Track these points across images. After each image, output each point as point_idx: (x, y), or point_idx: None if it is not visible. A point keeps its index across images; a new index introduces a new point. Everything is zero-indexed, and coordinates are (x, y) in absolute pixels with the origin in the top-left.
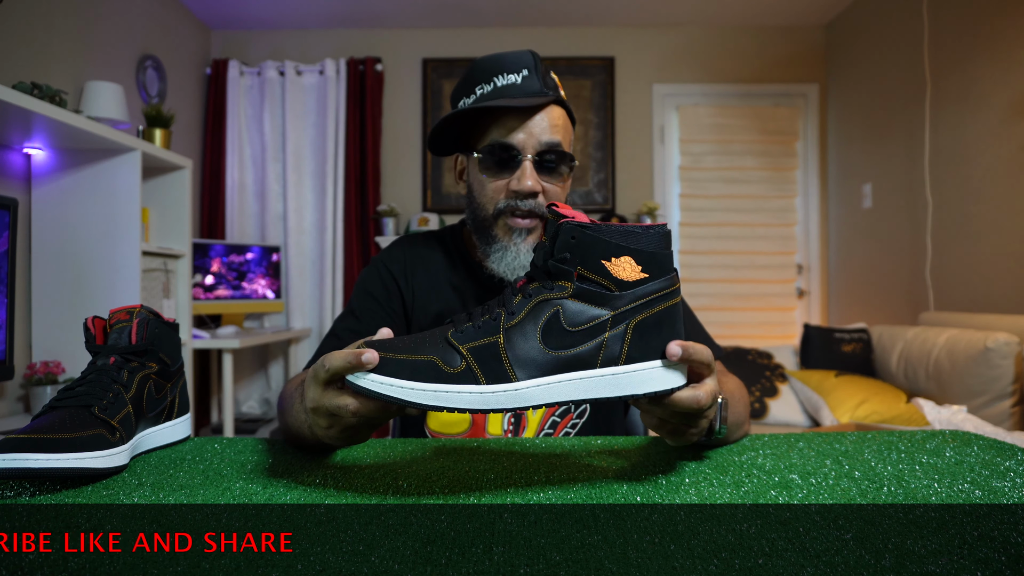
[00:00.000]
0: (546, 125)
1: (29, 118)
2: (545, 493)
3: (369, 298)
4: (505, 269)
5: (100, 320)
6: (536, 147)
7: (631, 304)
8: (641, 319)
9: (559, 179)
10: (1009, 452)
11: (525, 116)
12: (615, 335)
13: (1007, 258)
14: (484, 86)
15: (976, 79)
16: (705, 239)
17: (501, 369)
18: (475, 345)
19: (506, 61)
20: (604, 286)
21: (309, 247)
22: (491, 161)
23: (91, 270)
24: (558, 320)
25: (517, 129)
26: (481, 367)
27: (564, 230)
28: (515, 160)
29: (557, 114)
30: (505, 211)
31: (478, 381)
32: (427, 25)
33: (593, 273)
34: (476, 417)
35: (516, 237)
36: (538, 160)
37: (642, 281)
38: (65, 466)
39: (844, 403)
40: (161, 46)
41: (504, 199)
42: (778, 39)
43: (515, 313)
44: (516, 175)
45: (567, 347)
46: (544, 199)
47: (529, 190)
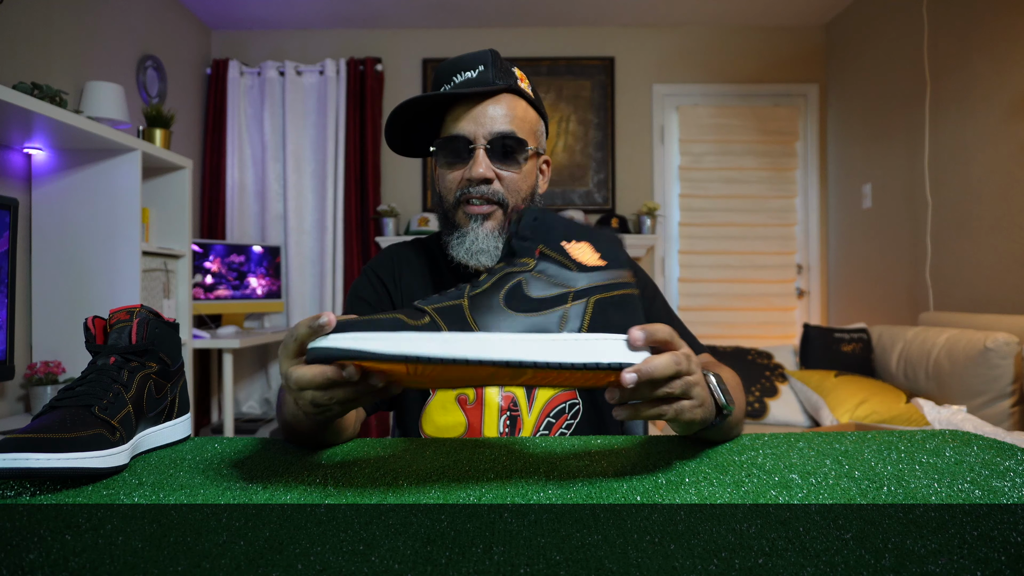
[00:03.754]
0: (500, 114)
1: (29, 118)
2: (545, 493)
3: (362, 302)
4: (465, 254)
5: (100, 320)
6: (487, 136)
7: (591, 284)
8: (602, 297)
9: (515, 167)
10: (1009, 452)
11: (475, 106)
12: (576, 309)
13: (1007, 258)
14: (446, 86)
15: (976, 79)
16: (705, 239)
17: (465, 324)
18: (440, 306)
19: (464, 60)
20: (564, 265)
21: (309, 247)
22: (446, 152)
23: (91, 270)
24: (521, 289)
25: (467, 119)
26: (445, 320)
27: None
28: (468, 150)
29: (515, 103)
30: (462, 199)
31: (441, 330)
32: (427, 25)
33: (554, 252)
34: (472, 420)
35: (474, 223)
36: (490, 148)
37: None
38: (65, 466)
39: (844, 403)
40: (161, 46)
41: (459, 188)
42: (778, 39)
43: (479, 285)
44: (469, 164)
45: (530, 311)
46: (500, 186)
47: (480, 176)
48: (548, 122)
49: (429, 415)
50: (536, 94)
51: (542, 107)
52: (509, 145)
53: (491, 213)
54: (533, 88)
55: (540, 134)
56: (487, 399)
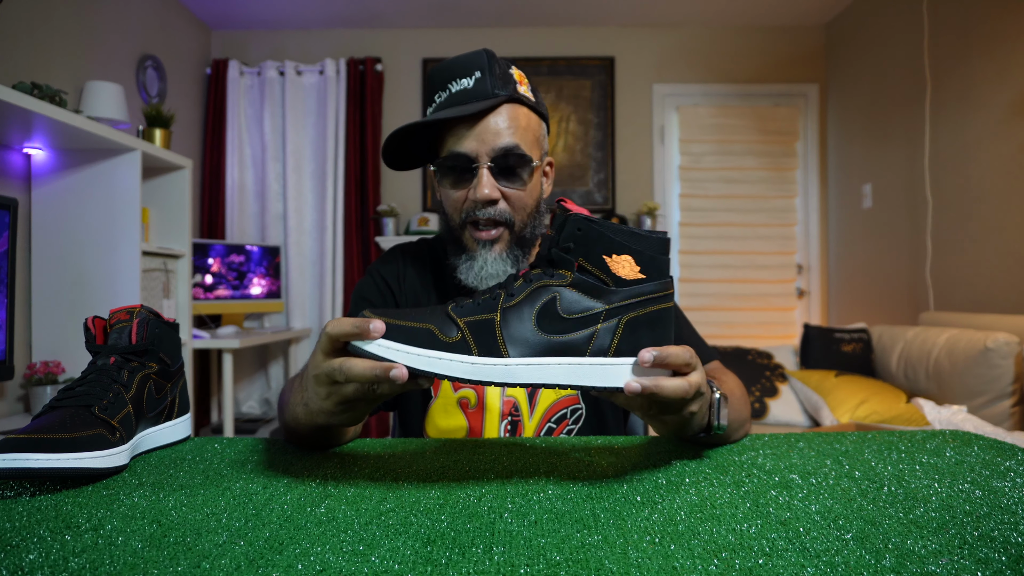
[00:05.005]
0: (501, 128)
1: (29, 118)
2: (545, 493)
3: (365, 303)
4: (474, 279)
5: (100, 320)
6: (490, 153)
7: (625, 301)
8: (634, 316)
9: (520, 184)
10: (1009, 452)
11: (476, 122)
12: (607, 328)
13: (1007, 258)
14: (441, 93)
15: (976, 79)
16: (705, 239)
17: (494, 344)
18: (472, 319)
19: (458, 66)
20: (602, 280)
21: (309, 247)
22: (449, 172)
23: (91, 270)
24: (554, 306)
25: (469, 137)
26: (475, 339)
27: (571, 221)
28: (471, 169)
29: (516, 113)
30: (468, 222)
31: (471, 352)
32: (427, 25)
33: (593, 266)
34: (473, 424)
35: (482, 249)
36: (493, 167)
37: (638, 281)
38: (65, 466)
39: (844, 403)
40: (161, 46)
41: (464, 211)
42: (778, 39)
43: (514, 295)
44: (473, 184)
45: (560, 332)
46: (506, 205)
47: (486, 198)
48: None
49: (431, 418)
50: (536, 94)
51: (543, 108)
52: (513, 163)
53: (498, 237)
54: (533, 88)
55: (543, 138)
56: (488, 403)
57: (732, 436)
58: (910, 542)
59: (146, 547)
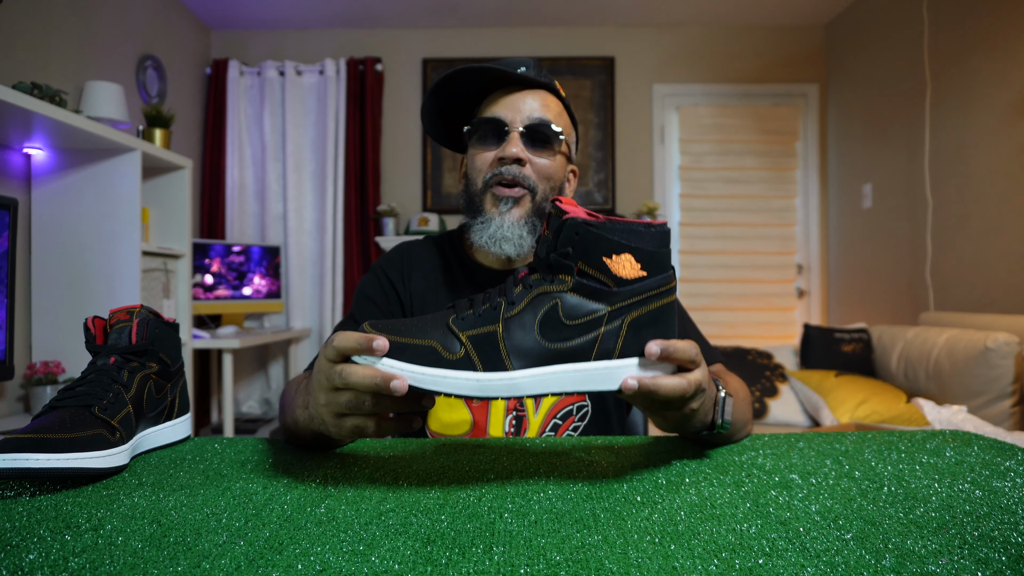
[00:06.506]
0: (537, 105)
1: (29, 118)
2: (545, 493)
3: (368, 302)
4: (488, 240)
5: (100, 320)
6: (524, 121)
7: (628, 300)
8: (636, 316)
9: (548, 153)
10: (1009, 452)
11: (513, 93)
12: (611, 330)
13: (1007, 258)
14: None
15: (976, 78)
16: (705, 239)
17: (498, 358)
18: (474, 333)
19: (506, 61)
20: (603, 282)
21: (309, 247)
22: (481, 133)
23: (91, 270)
24: (556, 313)
25: (505, 104)
26: (479, 355)
27: (568, 226)
28: (503, 132)
29: (551, 101)
30: (491, 181)
31: (476, 368)
32: (427, 25)
33: (594, 269)
34: (477, 418)
35: (502, 206)
36: (526, 133)
37: (640, 279)
38: (65, 466)
39: (844, 403)
40: (161, 46)
41: (490, 170)
42: (778, 39)
43: (515, 303)
44: (503, 145)
45: (563, 340)
46: (531, 171)
47: (513, 156)
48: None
49: (435, 412)
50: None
51: (574, 118)
52: (543, 132)
53: (520, 199)
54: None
55: (571, 136)
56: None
57: (734, 436)
58: (910, 542)
59: (146, 547)
